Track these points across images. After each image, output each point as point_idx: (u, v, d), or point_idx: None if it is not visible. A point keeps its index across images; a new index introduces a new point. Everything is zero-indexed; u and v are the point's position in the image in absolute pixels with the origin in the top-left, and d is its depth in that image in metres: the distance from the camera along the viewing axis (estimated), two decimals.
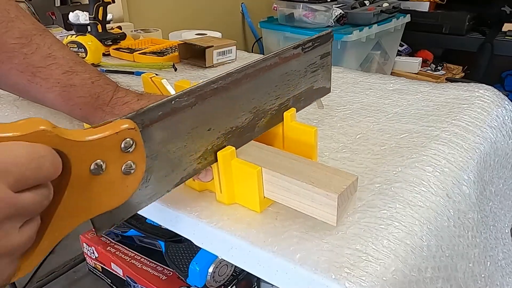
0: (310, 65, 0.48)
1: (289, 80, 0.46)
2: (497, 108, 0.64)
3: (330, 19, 1.69)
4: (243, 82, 0.40)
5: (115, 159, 0.29)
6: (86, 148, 0.27)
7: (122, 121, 0.30)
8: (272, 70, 0.43)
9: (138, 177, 0.31)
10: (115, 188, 0.30)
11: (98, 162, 0.28)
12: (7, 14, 0.41)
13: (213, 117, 0.38)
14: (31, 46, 0.42)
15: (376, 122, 0.60)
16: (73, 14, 1.01)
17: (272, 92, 0.44)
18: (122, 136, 0.29)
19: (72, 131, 0.26)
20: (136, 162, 0.30)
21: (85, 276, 1.33)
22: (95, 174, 0.28)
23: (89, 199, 0.28)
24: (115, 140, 0.29)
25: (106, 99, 0.44)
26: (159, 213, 0.44)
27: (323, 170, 0.38)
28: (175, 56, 0.95)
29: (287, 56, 0.44)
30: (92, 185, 0.28)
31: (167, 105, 0.33)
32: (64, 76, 0.43)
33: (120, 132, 0.29)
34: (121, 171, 0.29)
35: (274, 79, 0.44)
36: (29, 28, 0.42)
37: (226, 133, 0.40)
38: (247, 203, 0.41)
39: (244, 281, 0.98)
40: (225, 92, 0.38)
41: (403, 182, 0.45)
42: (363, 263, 0.34)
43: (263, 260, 0.36)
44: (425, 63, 2.22)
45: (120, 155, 0.29)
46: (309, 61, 0.48)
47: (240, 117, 0.41)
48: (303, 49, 0.46)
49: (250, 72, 0.40)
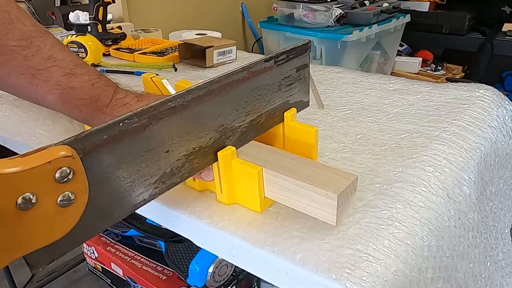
0: (284, 78, 0.45)
1: (261, 95, 0.43)
2: (498, 108, 0.64)
3: (330, 19, 1.69)
4: (205, 99, 0.37)
5: (49, 191, 0.26)
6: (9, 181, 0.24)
7: (57, 148, 0.27)
8: (240, 85, 0.40)
9: (79, 208, 0.28)
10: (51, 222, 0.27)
11: (26, 196, 0.25)
12: (8, 16, 0.41)
13: (171, 138, 0.35)
14: (32, 48, 0.42)
15: (376, 122, 0.60)
16: (73, 14, 1.01)
17: (241, 108, 0.41)
18: (56, 165, 0.26)
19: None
20: (75, 193, 0.28)
21: (85, 276, 1.33)
22: (24, 209, 0.25)
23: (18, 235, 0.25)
24: (47, 170, 0.26)
25: (106, 101, 0.44)
26: (160, 213, 0.44)
27: (323, 170, 0.38)
28: (175, 56, 0.95)
29: (257, 70, 0.41)
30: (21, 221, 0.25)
31: (113, 128, 0.30)
32: (64, 78, 0.43)
33: (53, 161, 0.26)
34: (56, 204, 0.27)
35: (243, 94, 0.41)
36: (29, 30, 0.42)
37: (187, 154, 0.37)
38: (248, 203, 0.41)
39: (244, 281, 0.98)
40: (184, 111, 0.35)
41: (404, 182, 0.45)
42: (364, 264, 0.34)
43: (264, 260, 0.36)
44: (425, 63, 2.22)
45: (55, 186, 0.26)
46: (283, 74, 0.44)
47: (204, 137, 0.38)
48: (275, 62, 0.43)
49: (214, 88, 0.37)
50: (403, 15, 1.93)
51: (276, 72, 0.44)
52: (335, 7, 1.72)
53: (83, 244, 1.18)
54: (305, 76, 0.48)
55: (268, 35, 1.86)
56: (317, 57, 1.68)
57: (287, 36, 1.75)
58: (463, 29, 2.17)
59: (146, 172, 0.34)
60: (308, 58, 0.47)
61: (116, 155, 0.31)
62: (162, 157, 0.35)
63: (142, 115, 0.32)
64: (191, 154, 0.37)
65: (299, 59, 0.46)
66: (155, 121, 0.33)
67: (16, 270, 1.31)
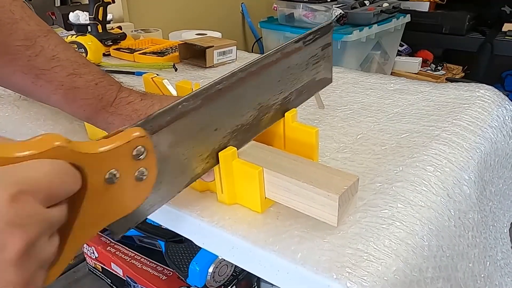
0: (311, 57, 0.48)
1: (291, 74, 0.46)
2: (498, 108, 0.64)
3: (330, 19, 1.69)
4: (247, 80, 0.40)
5: (128, 167, 0.30)
6: (100, 160, 0.28)
7: (132, 130, 0.30)
8: (275, 66, 0.43)
9: (151, 182, 0.32)
10: (129, 195, 0.30)
11: (112, 172, 0.28)
12: (12, 16, 0.41)
13: (219, 117, 0.39)
14: (35, 48, 0.42)
15: (376, 122, 0.60)
16: (73, 14, 1.01)
17: (275, 87, 0.44)
18: (133, 144, 0.30)
19: (85, 144, 0.27)
20: (148, 168, 0.31)
21: (85, 276, 1.33)
22: (110, 184, 0.29)
23: (105, 207, 0.29)
24: (127, 149, 0.29)
25: (110, 100, 0.44)
26: (160, 213, 0.44)
27: (324, 170, 0.38)
28: (175, 56, 0.95)
29: (289, 51, 0.45)
30: (107, 194, 0.29)
31: (174, 109, 0.34)
32: (68, 78, 0.43)
33: (131, 141, 0.30)
34: (134, 178, 0.30)
35: (277, 74, 0.44)
36: (33, 29, 0.42)
37: (232, 131, 0.40)
38: (248, 204, 0.41)
39: (244, 281, 0.98)
40: (230, 92, 0.39)
41: (404, 182, 0.45)
42: (365, 263, 0.34)
43: (264, 260, 0.36)
44: (425, 63, 2.22)
45: (133, 163, 0.30)
46: (310, 54, 0.48)
47: (245, 115, 0.42)
48: (304, 43, 0.46)
49: (254, 70, 0.41)
50: (403, 15, 1.93)
51: (304, 52, 0.47)
52: (335, 7, 1.72)
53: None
54: (329, 54, 0.51)
55: (268, 35, 1.86)
56: None
57: (287, 36, 1.75)
58: (463, 29, 2.17)
59: (200, 148, 0.38)
60: (331, 37, 0.51)
61: (176, 134, 0.35)
62: (212, 135, 0.38)
63: (197, 97, 0.36)
64: (235, 131, 0.41)
65: (323, 39, 0.49)
66: (206, 103, 0.37)
67: None
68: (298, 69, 0.47)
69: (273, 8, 1.83)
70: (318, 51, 0.49)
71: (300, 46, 0.46)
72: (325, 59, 0.51)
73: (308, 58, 0.48)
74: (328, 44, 0.50)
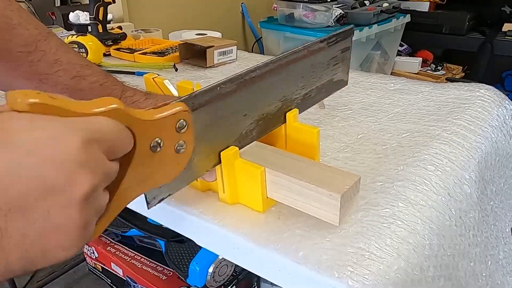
0: (332, 58, 0.50)
1: (314, 72, 0.48)
2: (498, 108, 0.64)
3: (330, 19, 1.69)
4: (276, 72, 0.42)
5: (170, 138, 0.32)
6: (149, 127, 0.29)
7: (177, 104, 0.32)
8: (301, 61, 0.45)
9: (187, 156, 0.34)
10: (169, 164, 0.32)
11: (157, 140, 0.30)
12: (10, 21, 0.40)
13: (249, 103, 0.41)
14: (37, 54, 0.41)
15: (377, 122, 0.61)
16: (73, 14, 1.01)
17: (299, 82, 0.46)
18: (177, 117, 0.32)
19: (137, 111, 0.29)
20: (186, 142, 0.33)
21: (85, 276, 1.33)
22: (154, 151, 0.30)
23: (148, 173, 0.30)
24: (172, 120, 0.31)
25: None
26: (162, 212, 0.44)
27: (326, 170, 0.38)
28: (175, 56, 0.95)
29: (315, 49, 0.46)
30: (151, 161, 0.30)
31: (214, 90, 0.36)
32: (72, 81, 0.43)
33: (176, 114, 0.31)
34: (174, 149, 0.32)
35: (302, 70, 0.46)
36: (33, 34, 0.42)
37: (258, 119, 0.42)
38: (250, 203, 0.41)
39: (244, 281, 0.98)
40: (261, 81, 0.41)
41: (405, 181, 0.45)
42: (366, 262, 0.34)
43: (266, 259, 0.36)
44: (425, 63, 2.22)
45: (175, 135, 0.32)
46: (332, 55, 0.50)
47: (271, 105, 0.43)
48: (328, 43, 0.48)
49: (283, 63, 0.43)
50: (403, 15, 1.93)
51: (327, 52, 0.49)
52: (335, 7, 1.72)
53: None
54: (347, 58, 0.54)
55: (268, 35, 1.86)
56: None
57: (287, 36, 1.75)
58: (463, 29, 2.17)
59: (230, 131, 0.39)
60: (351, 41, 0.53)
61: (212, 114, 0.36)
62: (241, 120, 0.40)
63: (233, 81, 0.38)
64: (260, 119, 0.42)
65: (344, 42, 0.51)
66: (240, 88, 0.39)
67: None
68: (320, 68, 0.49)
69: (273, 8, 1.83)
70: (338, 53, 0.51)
71: (324, 46, 0.48)
72: (344, 61, 0.53)
73: (330, 58, 0.50)
74: (347, 48, 0.53)
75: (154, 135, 0.30)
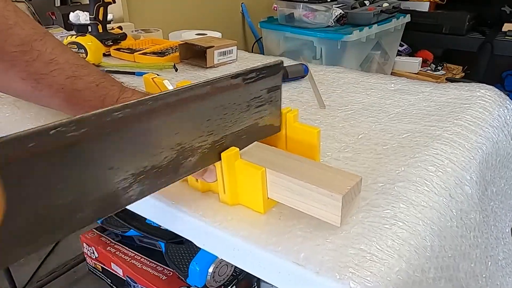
0: (254, 98, 0.41)
1: (226, 115, 0.39)
2: (499, 108, 0.64)
3: (330, 19, 1.69)
4: (162, 113, 0.33)
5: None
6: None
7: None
8: (203, 101, 0.36)
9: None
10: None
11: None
12: (6, 21, 0.40)
13: (116, 153, 0.30)
14: (33, 53, 0.41)
15: (378, 122, 0.60)
16: (73, 14, 1.01)
17: (203, 127, 0.37)
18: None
19: None
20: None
21: (85, 276, 1.33)
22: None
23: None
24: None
25: (113, 100, 0.44)
26: (161, 213, 0.44)
27: (327, 170, 0.38)
28: (175, 56, 0.95)
29: (223, 86, 0.38)
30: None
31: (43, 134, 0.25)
32: (68, 81, 0.42)
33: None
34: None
35: (206, 112, 0.37)
36: (29, 33, 0.41)
37: (137, 173, 0.32)
38: (251, 204, 0.41)
39: (244, 281, 0.98)
40: (136, 124, 0.31)
41: (406, 182, 0.45)
42: (368, 263, 0.34)
43: (266, 260, 0.36)
44: (425, 63, 2.22)
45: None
46: (252, 94, 0.41)
47: (157, 155, 0.34)
48: (244, 80, 0.40)
49: (172, 101, 0.34)
50: (403, 15, 1.93)
51: (244, 91, 0.40)
52: (335, 7, 1.72)
53: (83, 244, 1.18)
54: (277, 99, 0.44)
55: (268, 35, 1.86)
56: (317, 57, 1.68)
57: (287, 36, 1.75)
58: (463, 29, 2.17)
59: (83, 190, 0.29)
60: (280, 79, 0.44)
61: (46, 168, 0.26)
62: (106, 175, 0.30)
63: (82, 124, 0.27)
64: (141, 173, 0.32)
65: (270, 80, 0.42)
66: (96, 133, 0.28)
67: (16, 270, 1.30)
68: (235, 110, 0.40)
69: (273, 8, 1.83)
70: (263, 93, 0.42)
71: (238, 83, 0.39)
72: (271, 103, 0.44)
73: (250, 99, 0.41)
74: (277, 87, 0.44)
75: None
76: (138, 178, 0.32)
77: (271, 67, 0.42)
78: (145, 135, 0.32)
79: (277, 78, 0.43)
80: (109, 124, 0.29)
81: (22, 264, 1.36)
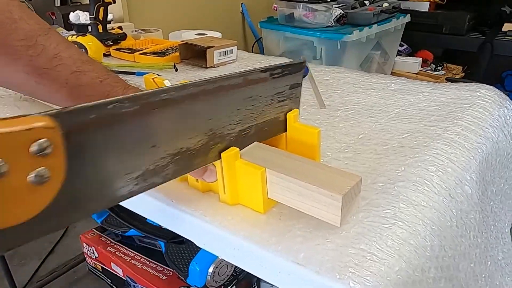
0: (277, 93, 0.43)
1: (253, 106, 0.41)
2: (499, 108, 0.64)
3: (330, 19, 1.69)
4: (200, 98, 0.35)
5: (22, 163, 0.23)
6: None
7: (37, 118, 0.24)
8: (236, 91, 0.38)
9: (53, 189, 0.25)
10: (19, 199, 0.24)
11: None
12: (10, 15, 0.40)
13: (160, 132, 0.32)
14: (37, 48, 0.41)
15: (378, 122, 0.60)
16: (73, 14, 1.01)
17: (233, 115, 0.39)
18: (34, 135, 0.23)
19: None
20: (51, 170, 0.25)
21: (85, 276, 1.33)
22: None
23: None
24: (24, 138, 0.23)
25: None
26: (161, 213, 0.44)
27: (327, 171, 0.38)
28: (176, 56, 0.95)
29: (253, 79, 0.39)
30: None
31: (102, 107, 0.28)
32: (72, 76, 0.42)
33: (33, 130, 0.23)
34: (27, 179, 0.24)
35: (237, 101, 0.39)
36: (33, 28, 0.41)
37: (174, 153, 0.34)
38: (251, 204, 0.41)
39: (244, 281, 0.98)
40: (177, 106, 0.33)
41: (406, 182, 0.45)
42: (368, 263, 0.34)
43: (266, 260, 0.36)
44: (425, 63, 2.22)
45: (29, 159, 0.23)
46: (276, 89, 0.43)
47: (192, 138, 0.35)
48: (271, 75, 0.41)
49: (210, 88, 0.35)
50: (403, 15, 1.93)
51: (270, 85, 0.42)
52: (335, 7, 1.72)
53: (83, 244, 1.18)
54: (297, 96, 0.46)
55: (268, 35, 1.86)
56: (317, 57, 1.68)
57: (287, 36, 1.75)
58: (463, 29, 2.17)
59: (129, 164, 0.31)
60: (301, 77, 0.46)
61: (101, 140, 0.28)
62: (148, 152, 0.32)
63: (134, 101, 0.29)
64: (177, 154, 0.34)
65: (293, 77, 0.44)
66: (146, 110, 0.31)
67: (16, 270, 1.31)
68: (261, 102, 0.41)
69: (273, 8, 1.83)
70: (285, 89, 0.44)
71: (266, 77, 0.41)
72: (292, 99, 0.46)
73: (274, 93, 0.43)
74: (297, 85, 0.45)
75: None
76: (175, 158, 0.34)
77: (295, 65, 0.44)
78: (186, 118, 0.34)
79: (298, 76, 0.45)
80: (157, 104, 0.31)
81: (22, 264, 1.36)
